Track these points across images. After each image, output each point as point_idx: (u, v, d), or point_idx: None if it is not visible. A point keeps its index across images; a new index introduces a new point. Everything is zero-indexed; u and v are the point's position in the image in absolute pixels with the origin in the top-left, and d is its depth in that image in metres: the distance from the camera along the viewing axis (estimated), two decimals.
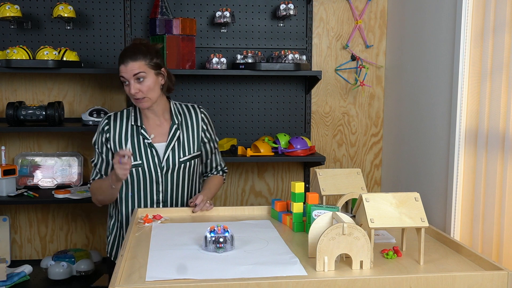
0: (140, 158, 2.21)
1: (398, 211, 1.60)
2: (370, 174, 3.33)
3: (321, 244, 1.49)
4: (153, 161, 2.21)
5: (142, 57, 2.13)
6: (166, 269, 1.51)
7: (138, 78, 2.12)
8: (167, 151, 2.23)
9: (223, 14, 2.93)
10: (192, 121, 2.31)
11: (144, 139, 2.23)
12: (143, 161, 2.21)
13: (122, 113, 2.28)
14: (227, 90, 3.13)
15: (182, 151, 2.26)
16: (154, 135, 2.24)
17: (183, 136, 2.27)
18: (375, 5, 3.20)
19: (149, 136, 2.23)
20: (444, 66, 2.49)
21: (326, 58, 3.21)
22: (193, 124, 2.30)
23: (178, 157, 2.24)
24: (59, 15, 2.78)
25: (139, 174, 2.22)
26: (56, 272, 2.74)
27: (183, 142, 2.27)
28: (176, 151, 2.24)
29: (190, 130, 2.29)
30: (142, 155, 2.21)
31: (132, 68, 2.12)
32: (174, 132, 2.25)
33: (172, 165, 2.23)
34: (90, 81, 3.08)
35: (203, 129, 2.31)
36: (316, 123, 3.24)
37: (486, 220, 2.08)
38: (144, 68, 2.13)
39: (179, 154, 2.25)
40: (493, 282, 1.48)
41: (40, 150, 3.07)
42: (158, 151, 2.23)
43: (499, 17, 2.01)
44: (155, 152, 2.22)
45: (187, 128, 2.29)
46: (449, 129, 2.43)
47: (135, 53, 2.14)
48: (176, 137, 2.25)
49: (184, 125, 2.29)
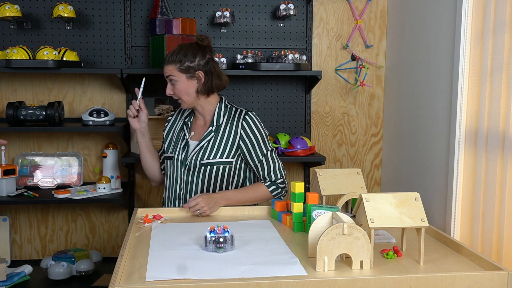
0: (174, 151, 2.34)
1: (398, 211, 1.60)
2: (370, 174, 3.33)
3: (321, 244, 1.49)
4: (181, 157, 2.31)
5: (173, 61, 2.24)
6: (166, 269, 1.51)
7: (170, 80, 2.26)
8: (194, 150, 2.29)
9: (223, 14, 2.93)
10: (231, 127, 2.28)
11: (184, 135, 2.35)
12: (175, 154, 2.33)
13: (185, 110, 2.43)
14: (227, 90, 3.13)
15: (208, 154, 2.27)
16: (195, 134, 2.34)
17: (215, 140, 2.28)
18: (375, 5, 3.20)
19: (189, 133, 2.34)
20: (444, 66, 2.49)
21: (326, 58, 3.21)
22: (231, 129, 2.28)
23: (201, 159, 2.26)
24: (59, 15, 2.78)
25: (170, 167, 2.35)
26: (56, 272, 2.73)
27: (213, 145, 2.27)
28: (201, 153, 2.27)
29: (226, 135, 2.28)
30: (176, 149, 2.34)
31: (165, 71, 2.27)
32: (207, 134, 2.29)
33: (193, 165, 2.27)
34: (90, 81, 3.08)
35: (241, 137, 2.26)
36: (316, 123, 3.24)
37: (486, 220, 2.08)
38: (175, 72, 2.24)
39: (203, 156, 2.27)
40: (493, 282, 1.48)
41: (40, 150, 3.07)
42: (190, 149, 2.31)
43: (499, 17, 2.01)
44: (187, 149, 2.31)
45: (224, 133, 2.28)
46: (449, 129, 2.43)
47: (175, 54, 2.26)
48: (208, 139, 2.28)
49: (222, 129, 2.29)
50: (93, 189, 2.88)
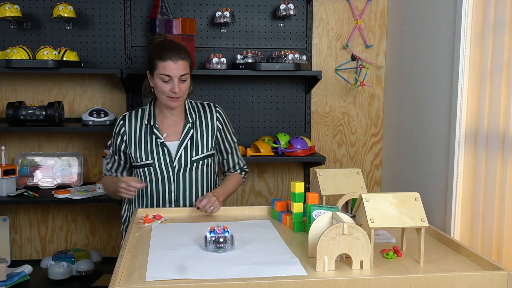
0: (152, 157, 2.22)
1: (398, 211, 1.60)
2: (370, 174, 3.33)
3: (321, 244, 1.49)
4: (164, 161, 2.22)
5: (188, 57, 2.19)
6: (166, 269, 1.51)
7: (183, 79, 2.17)
8: (179, 150, 2.23)
9: (223, 14, 2.93)
10: (207, 120, 2.30)
11: (156, 138, 2.24)
12: (155, 160, 2.22)
13: (137, 112, 2.30)
14: (227, 90, 3.13)
15: (195, 150, 2.25)
16: (168, 134, 2.25)
17: (196, 135, 2.27)
18: (375, 5, 3.20)
19: (161, 135, 2.23)
20: (444, 66, 2.49)
21: (326, 58, 3.21)
22: (207, 122, 2.29)
23: (190, 156, 2.24)
24: (59, 15, 2.78)
25: (151, 174, 2.23)
26: (56, 272, 2.73)
27: (197, 140, 2.26)
28: (189, 150, 2.24)
29: (204, 129, 2.28)
30: (154, 155, 2.23)
31: (179, 68, 2.14)
32: (187, 131, 2.25)
33: (184, 164, 2.23)
34: (90, 81, 3.08)
35: (218, 128, 2.30)
36: (316, 123, 3.24)
37: (486, 220, 2.08)
38: (188, 70, 2.18)
39: (191, 153, 2.24)
40: (493, 282, 1.48)
41: (40, 150, 3.07)
42: (171, 150, 2.23)
43: (499, 17, 2.01)
44: (167, 151, 2.23)
45: (201, 127, 2.28)
46: (449, 129, 2.43)
47: (183, 50, 2.18)
48: (189, 136, 2.25)
49: (198, 124, 2.28)
50: (93, 189, 2.89)
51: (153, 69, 2.17)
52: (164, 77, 2.14)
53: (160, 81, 2.15)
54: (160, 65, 2.13)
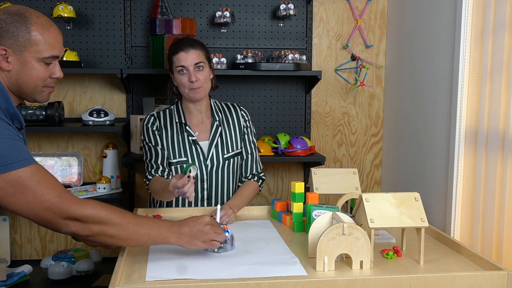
0: (185, 155, 2.24)
1: (398, 211, 1.60)
2: (370, 174, 3.33)
3: (321, 244, 1.49)
4: (198, 159, 2.25)
5: (201, 47, 2.21)
6: (166, 269, 1.51)
7: (198, 67, 2.18)
8: (211, 149, 2.26)
9: (223, 14, 2.93)
10: (233, 118, 2.34)
11: (189, 136, 2.26)
12: (188, 158, 2.24)
13: (165, 112, 2.32)
14: (227, 90, 3.13)
15: (226, 148, 2.28)
16: (198, 133, 2.28)
17: (225, 133, 2.30)
18: (375, 5, 3.20)
19: (193, 133, 2.26)
20: (444, 66, 2.49)
21: (326, 58, 3.21)
22: (234, 120, 2.33)
23: (222, 154, 2.27)
24: (59, 15, 2.78)
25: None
26: (56, 272, 2.73)
27: (226, 138, 2.29)
28: (220, 148, 2.27)
29: (231, 127, 2.32)
30: (187, 153, 2.25)
31: (193, 57, 2.17)
32: (216, 129, 2.28)
33: (216, 162, 2.26)
34: (90, 81, 3.08)
35: (244, 126, 2.35)
36: (316, 123, 3.24)
37: (486, 220, 2.08)
38: (203, 58, 2.19)
39: (222, 151, 2.27)
40: (493, 282, 1.48)
41: (40, 150, 3.07)
42: (203, 148, 2.26)
43: (499, 17, 2.01)
44: (200, 149, 2.25)
45: (228, 125, 2.32)
46: (449, 129, 2.43)
47: (195, 42, 2.21)
48: (218, 134, 2.28)
49: (225, 122, 2.32)
50: (93, 189, 2.88)
51: (171, 66, 2.23)
52: (180, 68, 2.18)
53: (179, 75, 2.20)
54: (175, 58, 2.19)
